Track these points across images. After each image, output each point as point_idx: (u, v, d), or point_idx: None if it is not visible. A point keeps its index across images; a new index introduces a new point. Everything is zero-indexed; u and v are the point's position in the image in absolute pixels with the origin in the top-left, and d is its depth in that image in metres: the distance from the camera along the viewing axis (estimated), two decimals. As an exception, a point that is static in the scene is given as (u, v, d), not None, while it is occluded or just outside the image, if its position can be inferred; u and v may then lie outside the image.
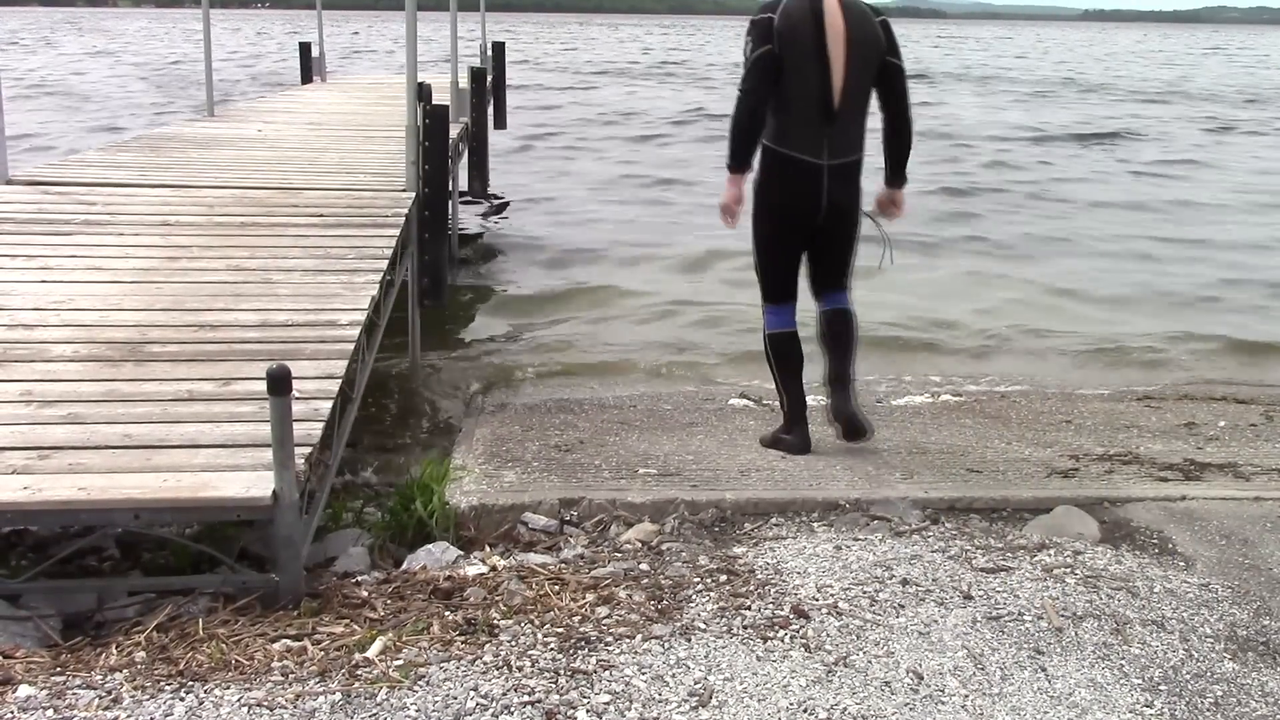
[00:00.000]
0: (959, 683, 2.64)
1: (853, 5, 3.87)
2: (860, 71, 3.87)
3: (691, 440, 4.53)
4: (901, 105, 4.01)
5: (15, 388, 3.53)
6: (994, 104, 27.93)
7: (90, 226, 5.59)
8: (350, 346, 3.98)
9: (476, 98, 11.12)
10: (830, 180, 3.94)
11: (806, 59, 3.81)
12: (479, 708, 2.47)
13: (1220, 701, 2.63)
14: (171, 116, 17.56)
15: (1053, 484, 4.04)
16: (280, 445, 2.84)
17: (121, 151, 8.15)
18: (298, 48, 16.35)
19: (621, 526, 3.63)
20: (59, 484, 2.88)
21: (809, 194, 3.95)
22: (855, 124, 3.95)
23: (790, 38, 3.80)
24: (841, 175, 3.96)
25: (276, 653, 2.68)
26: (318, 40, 16.11)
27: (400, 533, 3.66)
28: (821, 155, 3.91)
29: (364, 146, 8.56)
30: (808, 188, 3.94)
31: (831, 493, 3.82)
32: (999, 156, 17.54)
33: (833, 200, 3.97)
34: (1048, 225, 11.88)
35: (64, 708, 2.43)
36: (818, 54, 3.81)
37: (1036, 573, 3.21)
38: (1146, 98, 31.47)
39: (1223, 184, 15.12)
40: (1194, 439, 4.81)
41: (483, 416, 4.90)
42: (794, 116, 3.89)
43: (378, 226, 5.72)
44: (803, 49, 3.80)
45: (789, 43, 3.80)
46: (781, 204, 4.02)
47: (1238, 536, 3.55)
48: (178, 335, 4.05)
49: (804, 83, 3.84)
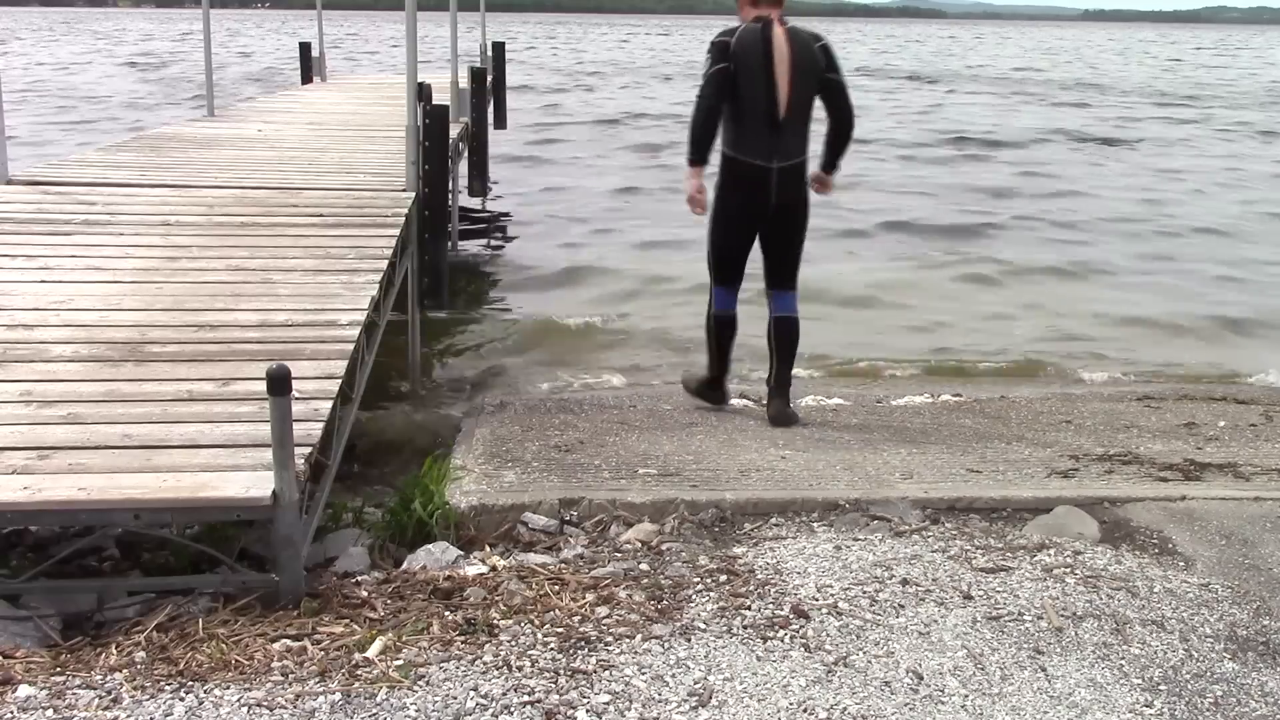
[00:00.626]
0: (959, 683, 2.64)
1: (796, 33, 4.50)
2: (802, 87, 4.47)
3: (691, 440, 4.53)
4: (844, 113, 4.61)
5: (15, 388, 3.53)
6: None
7: (90, 226, 5.58)
8: (350, 346, 3.97)
9: (476, 98, 11.12)
10: (778, 180, 4.53)
11: (756, 78, 4.43)
12: (479, 708, 2.47)
13: (1220, 701, 2.63)
14: (163, 117, 17.56)
15: (1053, 484, 4.04)
16: (280, 445, 2.84)
17: (121, 151, 8.15)
18: (298, 48, 16.36)
19: (621, 526, 3.63)
20: (59, 484, 2.88)
21: (760, 192, 4.53)
22: (799, 132, 4.54)
23: (743, 59, 4.42)
24: (788, 176, 4.55)
25: (276, 653, 2.68)
26: (317, 40, 16.12)
27: (400, 533, 3.66)
28: (771, 159, 4.50)
29: (364, 146, 8.56)
30: (759, 187, 4.52)
31: (831, 493, 3.83)
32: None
33: (781, 198, 4.55)
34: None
35: (64, 708, 2.43)
36: (766, 74, 4.43)
37: (1036, 573, 3.21)
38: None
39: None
40: (1194, 439, 4.81)
41: (483, 416, 4.89)
42: (746, 126, 4.49)
43: (378, 226, 5.72)
44: (753, 69, 4.42)
45: (742, 64, 4.43)
46: (737, 201, 4.60)
47: (1238, 536, 3.55)
48: (178, 335, 4.05)
49: (754, 98, 4.44)
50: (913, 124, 22.77)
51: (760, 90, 4.42)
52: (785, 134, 4.48)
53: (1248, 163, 17.93)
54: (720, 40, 4.46)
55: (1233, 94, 34.00)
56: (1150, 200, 13.86)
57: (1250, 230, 12.09)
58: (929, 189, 14.36)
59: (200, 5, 11.07)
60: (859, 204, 12.35)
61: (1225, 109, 28.41)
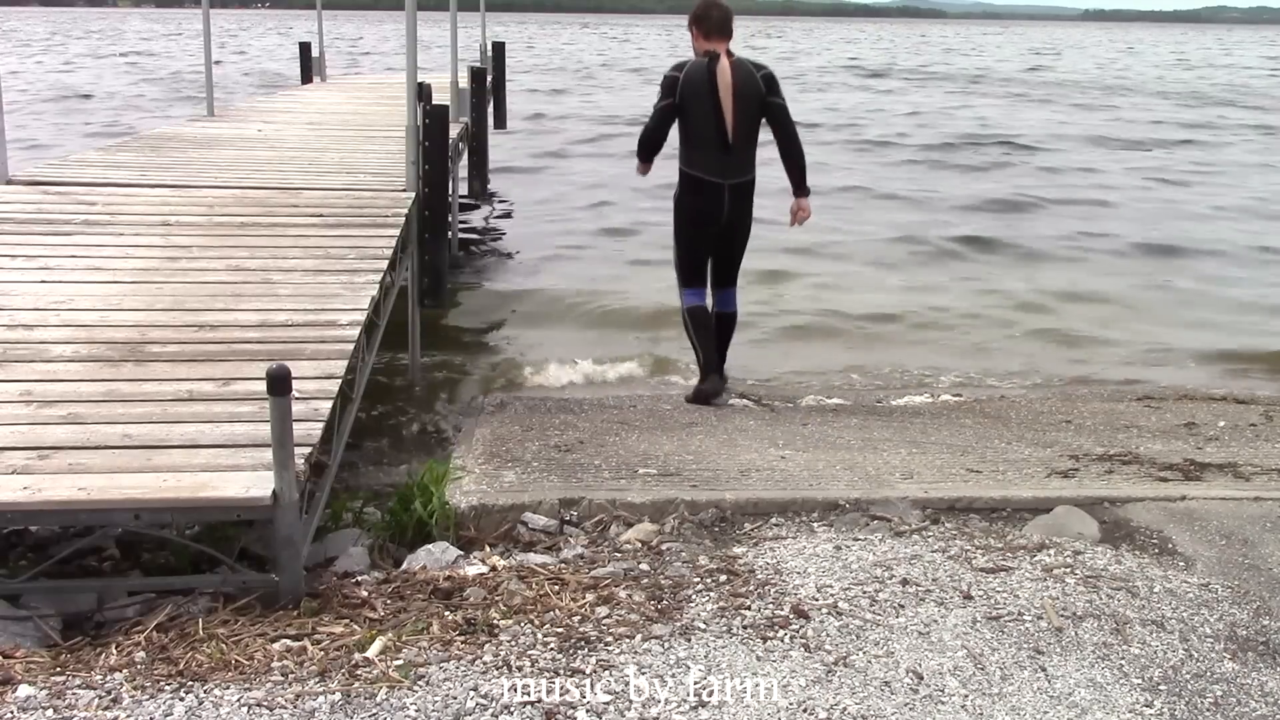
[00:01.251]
0: (959, 683, 2.64)
1: (739, 64, 5.03)
2: (745, 113, 5.01)
3: (691, 440, 4.53)
4: (787, 132, 5.13)
5: (15, 388, 3.53)
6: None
7: (90, 226, 5.59)
8: (350, 346, 3.97)
9: (476, 98, 11.12)
10: (729, 195, 5.11)
11: (705, 106, 4.99)
12: (479, 708, 2.47)
13: (1220, 701, 2.63)
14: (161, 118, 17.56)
15: (1053, 484, 4.04)
16: (280, 445, 2.84)
17: (121, 151, 8.15)
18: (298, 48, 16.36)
19: (621, 526, 3.63)
20: (59, 484, 2.88)
21: (714, 205, 5.12)
22: (746, 152, 5.10)
23: (691, 91, 5.00)
24: (738, 191, 5.13)
25: (276, 653, 2.68)
26: (317, 40, 16.12)
27: (400, 533, 3.66)
28: (723, 176, 5.08)
29: (364, 146, 8.56)
30: (713, 201, 5.11)
31: (831, 493, 3.82)
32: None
33: (731, 211, 5.14)
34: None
35: (64, 708, 2.43)
36: (713, 102, 4.98)
37: (1036, 573, 3.21)
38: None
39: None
40: (1194, 439, 4.81)
41: (483, 416, 4.90)
42: (699, 148, 5.08)
43: (378, 226, 5.72)
44: (702, 99, 4.99)
45: (690, 95, 5.01)
46: (693, 213, 5.18)
47: (1238, 536, 3.55)
48: (178, 335, 4.05)
49: (705, 124, 5.01)
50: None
51: (709, 117, 4.98)
52: (734, 155, 5.05)
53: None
54: (670, 75, 5.06)
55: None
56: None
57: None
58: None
59: (200, 5, 11.06)
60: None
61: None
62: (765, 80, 5.04)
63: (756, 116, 5.05)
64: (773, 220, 6.35)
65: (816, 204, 5.47)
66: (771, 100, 5.04)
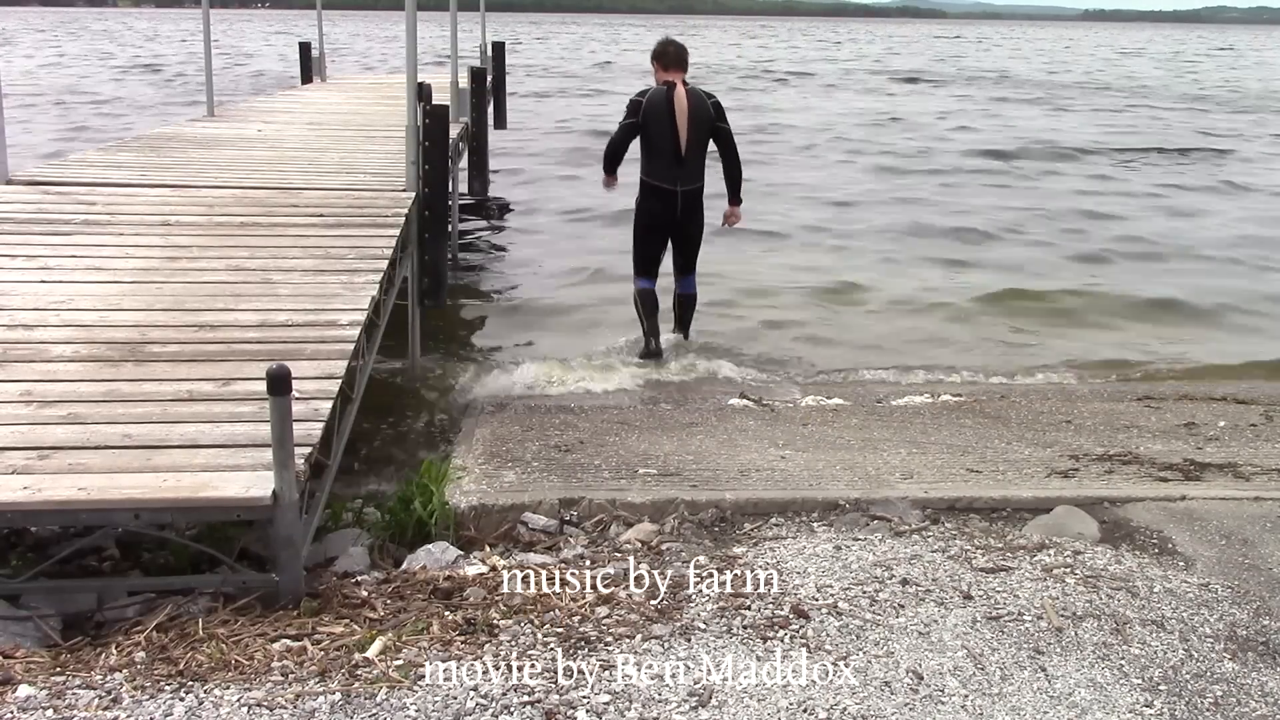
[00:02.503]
0: (959, 683, 2.64)
1: (694, 92, 6.12)
2: (696, 132, 6.09)
3: (691, 440, 4.53)
4: (729, 152, 6.26)
5: (15, 388, 3.53)
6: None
7: (90, 226, 5.58)
8: (350, 346, 3.97)
9: (476, 98, 11.11)
10: (682, 200, 6.19)
11: (663, 125, 6.06)
12: (479, 708, 2.47)
13: (1220, 701, 2.63)
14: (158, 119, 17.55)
15: (1053, 484, 4.04)
16: (280, 445, 2.84)
17: (121, 151, 8.15)
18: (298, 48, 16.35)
19: (621, 526, 3.63)
20: (59, 484, 2.88)
21: (668, 208, 6.20)
22: (697, 164, 6.19)
23: (652, 113, 6.09)
24: (689, 197, 6.22)
25: (276, 653, 2.68)
26: (317, 40, 16.12)
27: (400, 533, 3.66)
28: (676, 184, 6.15)
29: (364, 146, 8.56)
30: (667, 204, 6.19)
31: (831, 493, 3.83)
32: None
33: (683, 213, 6.23)
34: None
35: (64, 708, 2.43)
36: (670, 123, 6.05)
37: (1036, 573, 3.21)
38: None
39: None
40: (1194, 439, 4.81)
41: (483, 416, 4.89)
42: (656, 160, 6.14)
43: (378, 226, 5.72)
44: (661, 119, 6.06)
45: (651, 116, 6.08)
46: (650, 215, 6.26)
47: (1237, 536, 3.55)
48: (178, 335, 4.05)
49: (662, 139, 6.08)
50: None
51: (666, 134, 6.05)
52: (687, 165, 6.12)
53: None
54: (635, 99, 6.18)
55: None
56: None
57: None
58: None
59: (200, 5, 11.06)
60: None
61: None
62: (714, 106, 6.15)
63: (706, 135, 6.15)
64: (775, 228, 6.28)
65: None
66: (719, 125, 6.16)
